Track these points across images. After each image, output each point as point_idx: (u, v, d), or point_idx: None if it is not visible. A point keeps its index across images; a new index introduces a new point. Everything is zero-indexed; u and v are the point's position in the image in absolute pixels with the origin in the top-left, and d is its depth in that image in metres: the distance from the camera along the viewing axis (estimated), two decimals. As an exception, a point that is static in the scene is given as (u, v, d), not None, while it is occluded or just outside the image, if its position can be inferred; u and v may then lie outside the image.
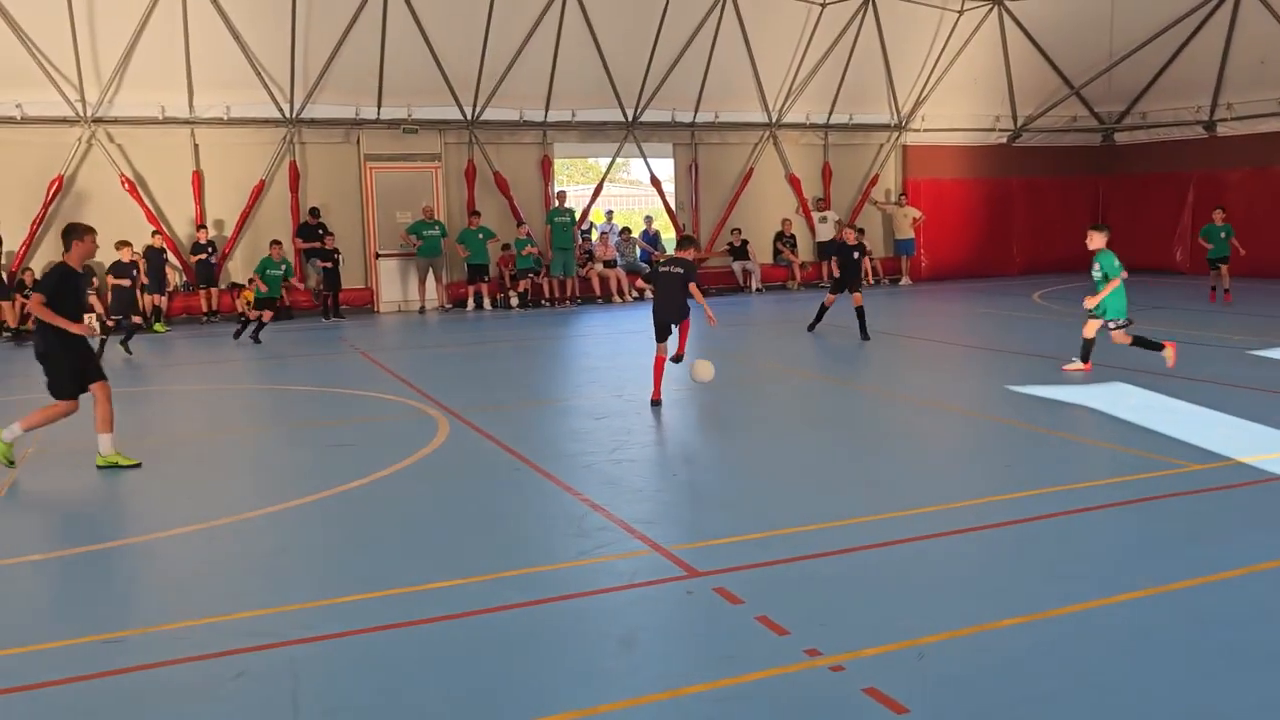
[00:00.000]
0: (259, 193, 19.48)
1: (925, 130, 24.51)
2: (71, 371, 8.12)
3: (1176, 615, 4.82)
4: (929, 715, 3.90)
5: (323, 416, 10.23)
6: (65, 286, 8.05)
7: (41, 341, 8.10)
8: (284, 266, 16.75)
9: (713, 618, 4.93)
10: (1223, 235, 17.70)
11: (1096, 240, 11.22)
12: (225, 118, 19.14)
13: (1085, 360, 11.13)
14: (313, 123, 19.74)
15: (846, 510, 6.52)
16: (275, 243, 17.45)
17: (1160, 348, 10.83)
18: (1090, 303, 11.04)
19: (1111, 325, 10.93)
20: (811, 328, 15.18)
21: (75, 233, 8.24)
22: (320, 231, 19.33)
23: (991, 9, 22.92)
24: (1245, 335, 13.67)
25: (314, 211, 19.62)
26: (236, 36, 18.33)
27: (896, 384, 11.44)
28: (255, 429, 10.22)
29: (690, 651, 4.64)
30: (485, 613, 5.04)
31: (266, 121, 19.44)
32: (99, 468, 8.10)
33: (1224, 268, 17.56)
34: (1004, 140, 25.14)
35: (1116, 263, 10.92)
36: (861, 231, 15.85)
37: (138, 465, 8.16)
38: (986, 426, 9.30)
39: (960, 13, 22.73)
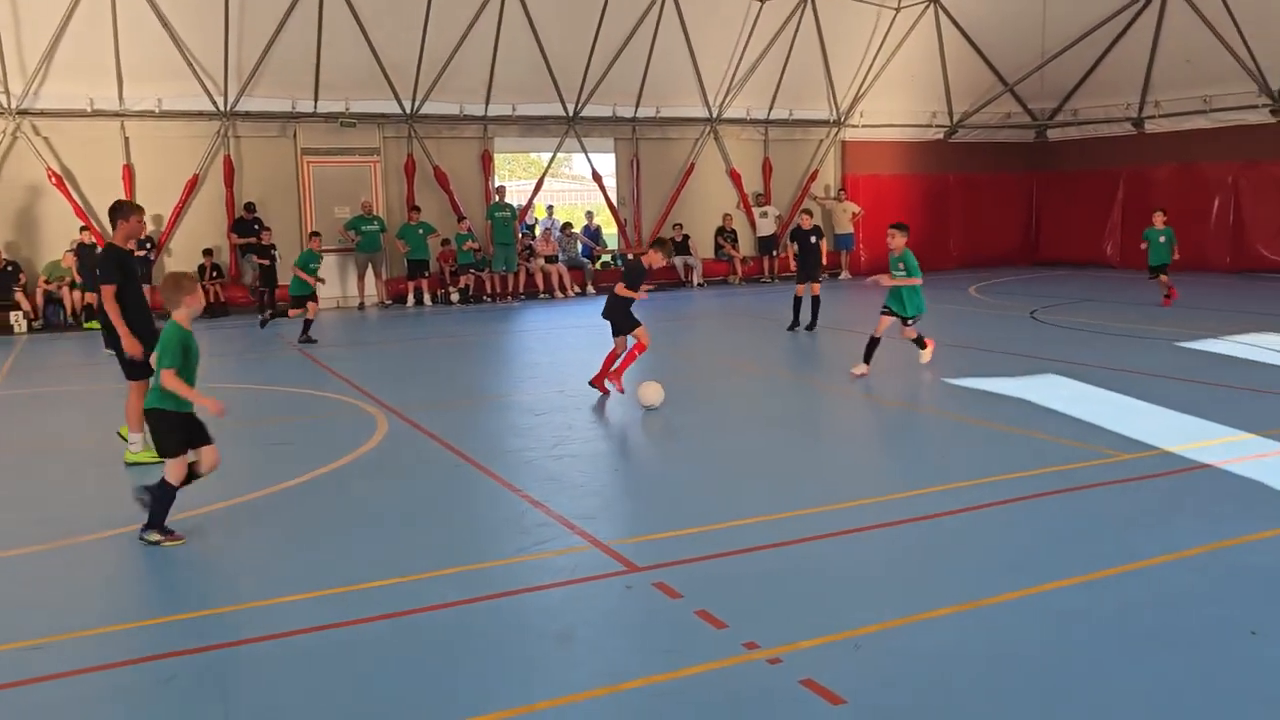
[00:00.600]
0: (193, 187, 19.11)
1: (864, 126, 24.77)
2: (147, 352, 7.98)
3: (1104, 602, 4.93)
4: (866, 706, 3.95)
5: (259, 415, 10.06)
6: (123, 268, 7.89)
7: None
8: (320, 260, 15.99)
9: (652, 612, 4.94)
10: (1162, 240, 16.52)
11: (899, 240, 11.01)
12: (157, 110, 18.74)
13: (867, 361, 10.94)
14: (248, 116, 19.40)
15: (785, 504, 6.57)
16: (315, 234, 16.92)
17: (923, 345, 11.35)
18: (886, 280, 11.07)
19: (910, 322, 11.11)
20: (792, 327, 14.70)
21: (121, 211, 7.96)
22: (256, 227, 19.01)
23: (928, 7, 23.22)
24: (1172, 327, 14.02)
25: (249, 206, 19.30)
26: (167, 26, 17.95)
27: (835, 377, 11.53)
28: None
29: (629, 646, 4.64)
30: (422, 611, 4.99)
31: (200, 114, 19.06)
32: (127, 464, 8.04)
33: (1163, 277, 16.52)
34: (940, 136, 25.50)
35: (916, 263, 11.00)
36: (809, 214, 15.90)
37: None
38: (923, 419, 9.43)
39: (897, 10, 23.00)
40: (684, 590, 5.11)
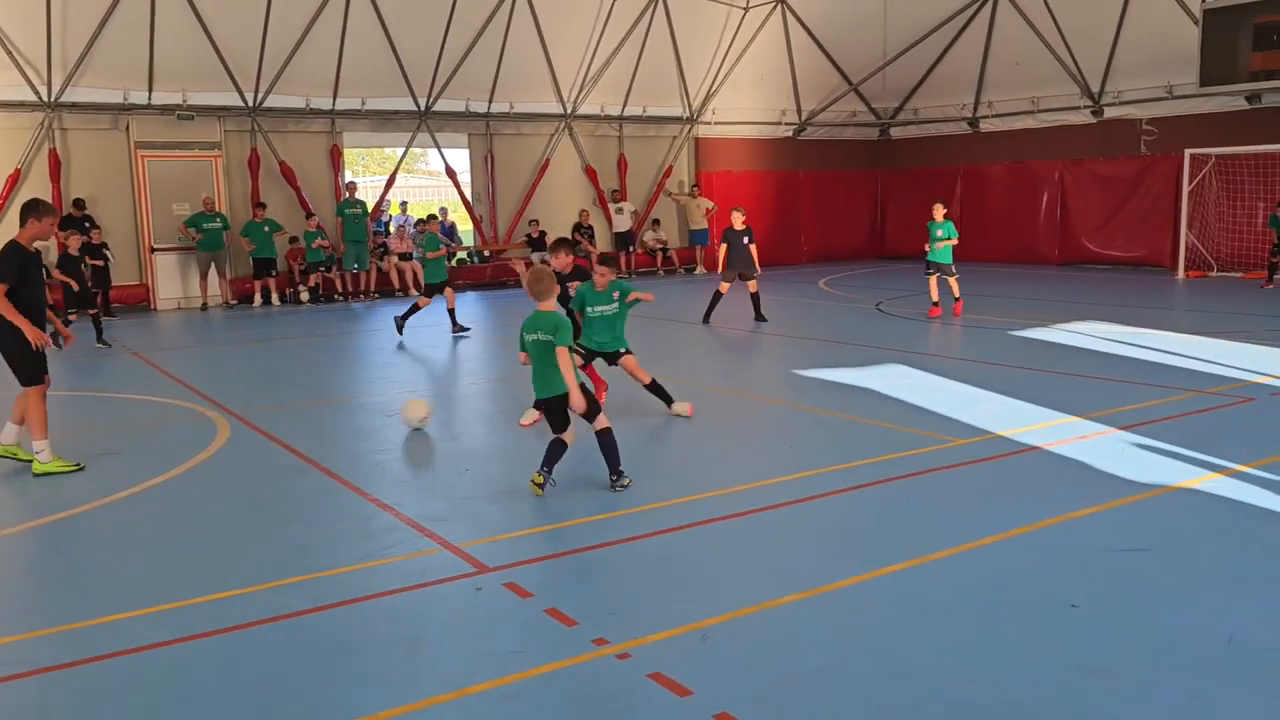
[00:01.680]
0: (14, 183, 17.94)
1: (716, 123, 25.17)
2: (35, 354, 7.60)
3: (939, 582, 5.13)
4: (712, 695, 4.00)
5: (88, 422, 9.54)
6: (17, 267, 7.37)
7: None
8: (440, 243, 14.75)
9: (502, 613, 4.90)
10: (939, 234, 14.95)
11: (609, 278, 8.88)
12: (-29, 100, 17.56)
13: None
14: (75, 107, 18.35)
15: (634, 498, 6.60)
16: (432, 217, 16.20)
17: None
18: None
19: (624, 352, 9.01)
20: (706, 319, 14.80)
21: (35, 209, 7.47)
22: (87, 225, 18.00)
23: (775, 7, 23.74)
24: (1007, 317, 14.73)
25: (79, 203, 18.26)
26: (-18, 12, 16.84)
27: (686, 370, 11.67)
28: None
29: (479, 649, 4.58)
30: (265, 623, 4.81)
31: (20, 105, 17.91)
32: (36, 475, 7.53)
33: (947, 277, 15.06)
34: (790, 134, 26.12)
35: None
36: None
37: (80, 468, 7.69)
38: (771, 410, 9.64)
39: (746, 9, 23.44)
40: (534, 589, 5.08)
